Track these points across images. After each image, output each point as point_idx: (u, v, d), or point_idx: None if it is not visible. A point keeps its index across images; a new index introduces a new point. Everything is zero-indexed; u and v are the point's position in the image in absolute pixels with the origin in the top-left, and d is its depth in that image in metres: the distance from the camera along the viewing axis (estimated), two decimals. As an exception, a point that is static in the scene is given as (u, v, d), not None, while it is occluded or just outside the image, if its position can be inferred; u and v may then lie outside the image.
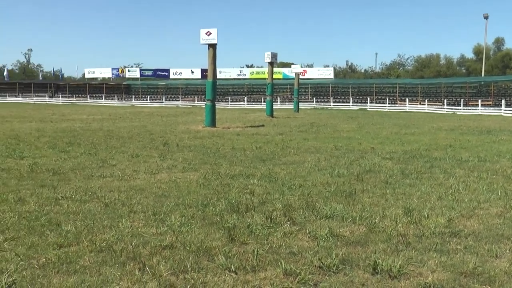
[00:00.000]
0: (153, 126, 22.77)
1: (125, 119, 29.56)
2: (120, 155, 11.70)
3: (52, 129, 20.13)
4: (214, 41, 22.69)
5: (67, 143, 14.24)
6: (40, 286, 3.81)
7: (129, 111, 42.80)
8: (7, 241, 4.89)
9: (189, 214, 6.06)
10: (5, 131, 18.34)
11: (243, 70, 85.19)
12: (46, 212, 6.05)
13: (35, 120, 26.49)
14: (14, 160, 10.52)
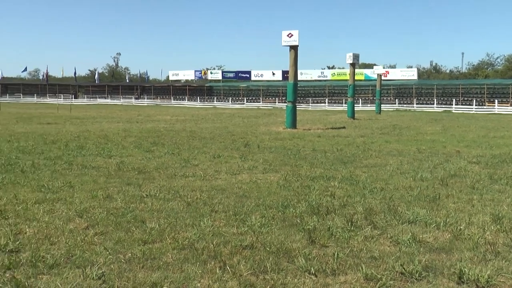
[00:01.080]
0: (235, 127, 23.10)
1: (207, 120, 30.18)
2: (202, 155, 11.96)
3: (138, 129, 20.89)
4: (295, 42, 22.71)
5: (151, 143, 14.73)
6: (126, 280, 3.95)
7: (211, 113, 43.67)
8: (97, 236, 5.12)
9: (270, 215, 6.08)
10: (95, 131, 19.24)
11: (324, 71, 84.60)
12: (132, 209, 6.28)
13: (122, 121, 27.61)
14: (103, 159, 11.01)
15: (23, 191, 7.33)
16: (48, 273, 4.10)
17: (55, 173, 8.94)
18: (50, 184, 7.79)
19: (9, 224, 5.51)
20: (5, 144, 13.86)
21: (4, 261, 4.30)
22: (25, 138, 15.71)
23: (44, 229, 5.35)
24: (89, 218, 5.82)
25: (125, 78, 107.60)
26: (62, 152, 12.04)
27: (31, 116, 32.36)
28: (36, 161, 10.35)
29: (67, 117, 30.59)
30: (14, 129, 19.90)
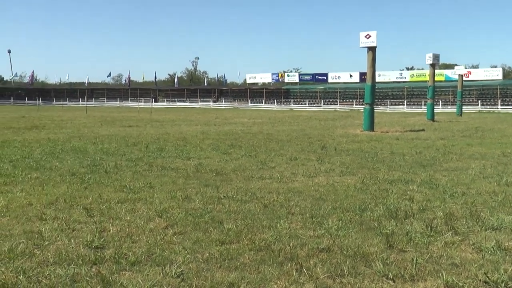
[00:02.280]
0: (311, 130, 23.01)
1: (284, 122, 30.26)
2: (279, 157, 11.99)
3: (216, 132, 21.26)
4: (373, 44, 22.33)
5: (229, 145, 14.94)
6: (204, 279, 4.02)
7: (288, 115, 43.75)
8: (176, 235, 5.25)
9: (347, 218, 6.00)
10: (174, 134, 19.77)
11: (402, 72, 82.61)
12: (210, 210, 6.38)
13: (200, 124, 28.19)
14: (182, 161, 11.28)
15: (106, 190, 7.63)
16: (130, 269, 4.25)
17: (136, 174, 9.25)
18: (131, 185, 8.07)
19: (94, 222, 5.76)
20: (91, 146, 14.51)
21: (90, 257, 4.49)
22: (109, 140, 16.38)
23: (126, 228, 5.54)
24: (168, 218, 5.98)
25: (203, 81, 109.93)
26: (143, 154, 12.45)
27: (114, 119, 33.70)
28: (119, 162, 10.76)
29: (147, 120, 31.63)
30: (99, 132, 20.80)
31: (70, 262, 4.38)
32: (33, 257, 4.53)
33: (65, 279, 4.00)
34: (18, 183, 8.18)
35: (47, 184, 8.16)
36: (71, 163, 10.62)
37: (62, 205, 6.65)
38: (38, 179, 8.62)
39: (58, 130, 22.05)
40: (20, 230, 5.40)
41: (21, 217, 5.95)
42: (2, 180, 8.42)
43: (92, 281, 3.97)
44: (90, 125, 25.88)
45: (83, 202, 6.81)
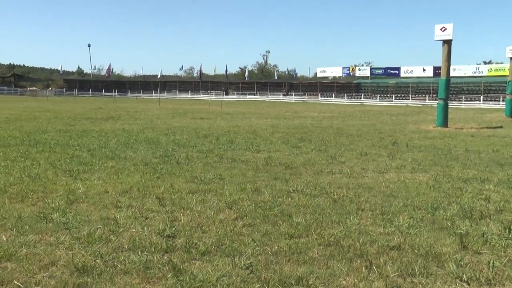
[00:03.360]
0: (382, 125, 22.59)
1: (354, 117, 29.87)
2: (349, 152, 11.85)
3: (285, 125, 21.27)
4: (449, 37, 21.58)
5: (298, 139, 14.92)
6: (273, 272, 4.04)
7: (358, 110, 43.14)
8: (245, 227, 5.30)
9: (418, 216, 5.86)
10: (244, 127, 19.94)
11: (479, 67, 79.31)
12: (279, 203, 6.40)
13: (270, 117, 28.28)
14: (252, 153, 11.37)
15: (178, 181, 7.81)
16: (200, 259, 4.34)
17: (207, 166, 9.41)
18: (202, 176, 8.22)
19: (166, 211, 5.91)
20: (163, 137, 14.88)
21: (162, 245, 4.62)
22: (180, 132, 16.74)
23: (196, 218, 5.65)
24: (238, 209, 6.05)
25: (274, 75, 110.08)
26: (213, 146, 12.64)
27: (186, 111, 34.40)
28: (190, 154, 10.98)
29: (218, 113, 32.07)
30: (171, 124, 21.30)
31: (143, 249, 4.52)
32: (109, 242, 4.72)
33: (139, 265, 4.14)
34: (95, 171, 8.53)
35: (122, 173, 8.45)
36: (144, 153, 10.94)
37: (136, 193, 6.87)
38: (114, 168, 8.94)
39: (132, 121, 22.76)
40: (97, 216, 5.63)
41: (98, 204, 6.20)
42: (81, 168, 8.80)
43: (164, 268, 4.08)
44: (162, 117, 26.54)
45: (156, 191, 7.00)
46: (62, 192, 6.82)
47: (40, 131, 16.15)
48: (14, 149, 11.27)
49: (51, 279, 3.87)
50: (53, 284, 3.78)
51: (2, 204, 6.11)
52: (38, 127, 18.13)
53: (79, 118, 24.11)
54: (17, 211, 5.78)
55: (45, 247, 4.57)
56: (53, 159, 9.85)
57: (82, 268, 4.04)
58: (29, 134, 15.13)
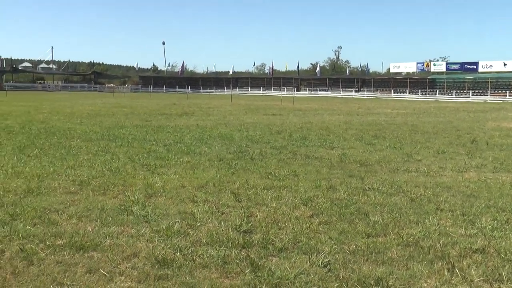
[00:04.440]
0: (459, 122, 21.80)
1: (429, 114, 29.01)
2: (425, 150, 11.52)
3: (358, 122, 20.96)
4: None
5: (372, 136, 14.66)
6: (351, 271, 3.99)
7: (433, 106, 41.87)
8: (321, 225, 5.27)
9: (503, 218, 5.60)
10: (317, 123, 19.82)
11: None
12: (355, 201, 6.31)
13: (343, 113, 27.96)
14: (325, 150, 11.27)
15: (253, 177, 7.87)
16: (277, 255, 4.34)
17: (280, 162, 9.41)
18: (276, 172, 8.23)
19: (242, 207, 5.96)
20: (237, 133, 15.03)
21: (239, 240, 4.67)
22: (253, 128, 16.85)
23: (272, 214, 5.67)
24: (313, 207, 6.01)
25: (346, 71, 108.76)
26: (286, 142, 12.64)
27: (258, 107, 34.58)
28: (264, 150, 11.03)
29: (290, 109, 32.04)
30: (244, 120, 21.48)
31: (221, 244, 4.58)
32: (187, 236, 4.82)
33: (217, 259, 4.19)
34: (171, 166, 8.73)
35: (197, 168, 8.61)
36: (219, 149, 11.09)
37: (212, 188, 6.97)
38: (189, 163, 9.12)
39: (206, 117, 23.14)
40: (175, 210, 5.76)
41: (175, 198, 6.35)
42: (158, 162, 9.04)
43: (241, 264, 4.12)
44: (235, 113, 26.81)
45: (231, 187, 7.08)
46: (141, 185, 7.03)
47: (118, 127, 16.74)
48: (95, 144, 11.73)
49: (134, 270, 3.99)
50: (135, 275, 3.90)
51: (87, 196, 6.37)
52: (116, 122, 18.78)
53: (154, 114, 24.78)
54: (100, 203, 6.01)
55: (127, 238, 4.73)
56: (131, 153, 10.18)
57: (163, 260, 4.14)
58: (108, 129, 15.70)
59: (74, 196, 6.42)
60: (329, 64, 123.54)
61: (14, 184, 7.02)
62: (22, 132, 14.29)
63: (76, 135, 13.78)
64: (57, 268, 4.02)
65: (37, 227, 5.08)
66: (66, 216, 5.46)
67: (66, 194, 6.53)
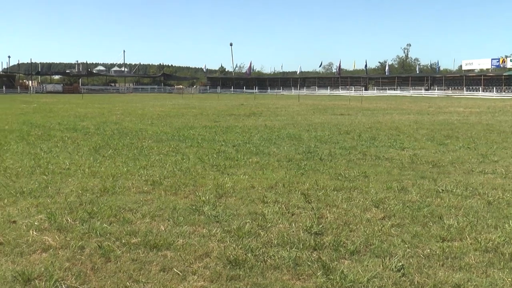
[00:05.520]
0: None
1: (505, 112, 27.82)
2: (502, 151, 11.05)
3: (429, 121, 20.38)
4: None
5: (445, 136, 14.21)
6: (426, 276, 3.87)
7: (510, 104, 40.10)
8: (393, 227, 5.15)
9: None
10: (386, 123, 19.44)
11: None
12: (428, 204, 6.13)
13: (413, 113, 27.28)
14: (396, 150, 11.02)
15: (322, 177, 7.80)
16: (349, 258, 4.28)
17: (350, 163, 9.29)
18: (346, 173, 8.13)
19: (312, 208, 5.92)
20: (305, 133, 14.98)
21: (310, 242, 4.63)
22: (322, 128, 16.74)
23: (343, 216, 5.60)
24: (385, 209, 5.89)
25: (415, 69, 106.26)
26: (355, 143, 12.46)
27: (326, 107, 34.33)
28: (333, 150, 10.92)
29: (358, 109, 31.61)
30: (312, 120, 21.37)
31: (292, 246, 4.56)
32: (258, 237, 4.83)
33: (288, 261, 4.18)
34: (241, 166, 8.80)
35: (267, 168, 8.63)
36: (287, 149, 11.08)
37: (281, 189, 6.97)
38: (258, 163, 9.16)
39: (274, 117, 23.19)
40: (246, 211, 5.79)
41: (246, 198, 6.39)
42: (227, 163, 9.14)
43: (313, 266, 4.09)
44: (303, 113, 26.73)
45: (301, 187, 7.05)
46: (211, 186, 7.12)
47: (187, 127, 17.06)
48: (166, 144, 12.00)
49: (206, 270, 4.04)
50: (208, 275, 3.94)
51: (159, 196, 6.53)
52: (185, 123, 19.14)
53: (222, 114, 25.09)
54: (172, 203, 6.13)
55: (199, 238, 4.80)
56: (201, 154, 10.34)
57: (234, 261, 4.17)
58: (178, 130, 16.03)
59: (147, 195, 6.59)
60: (398, 62, 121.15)
61: (91, 183, 7.30)
62: (97, 133, 14.83)
63: (147, 135, 14.16)
64: (132, 265, 4.13)
65: (113, 225, 5.24)
66: (139, 215, 5.61)
67: (139, 193, 6.72)
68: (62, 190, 6.88)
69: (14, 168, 8.58)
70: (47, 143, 12.20)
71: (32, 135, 14.14)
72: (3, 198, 6.37)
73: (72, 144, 12.13)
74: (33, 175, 7.95)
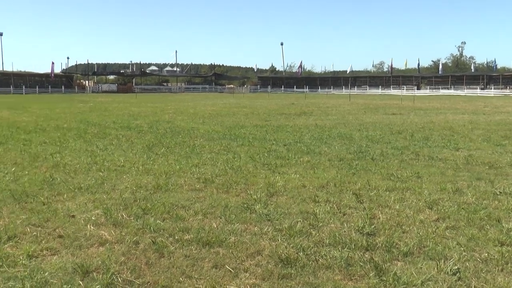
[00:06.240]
0: None
1: None
2: None
3: (485, 121, 19.79)
4: None
5: (502, 136, 13.77)
6: (484, 281, 3.77)
7: None
8: (448, 229, 5.03)
9: None
10: (439, 123, 19.00)
11: None
12: (484, 206, 5.96)
13: (467, 112, 26.55)
14: (450, 151, 10.76)
15: (374, 177, 7.70)
16: (402, 260, 4.21)
17: (402, 163, 9.13)
18: (398, 173, 8.00)
19: (364, 208, 5.86)
20: (356, 133, 14.82)
21: (362, 242, 4.59)
22: (373, 128, 16.51)
23: (395, 217, 5.51)
24: (439, 210, 5.76)
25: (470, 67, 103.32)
26: (408, 143, 12.24)
27: (377, 106, 33.85)
28: (384, 150, 10.76)
29: (410, 108, 31.02)
30: (363, 119, 21.12)
31: (344, 246, 4.53)
32: (310, 236, 4.82)
33: (340, 261, 4.15)
34: (292, 165, 8.79)
35: (318, 167, 8.59)
36: (338, 149, 10.99)
37: (333, 189, 6.93)
38: (309, 162, 9.13)
39: (324, 116, 23.05)
40: (297, 210, 5.79)
41: (297, 198, 6.38)
42: (278, 162, 9.15)
43: (365, 266, 4.05)
44: (354, 112, 26.45)
45: (352, 187, 6.99)
46: (262, 184, 7.15)
47: (239, 126, 17.17)
48: (217, 143, 12.12)
49: (258, 268, 4.07)
50: (260, 273, 3.97)
51: (211, 194, 6.61)
52: (237, 122, 19.27)
53: (273, 113, 25.12)
54: (224, 201, 6.19)
55: (251, 236, 4.83)
56: (252, 152, 10.38)
57: (286, 259, 4.18)
58: (229, 129, 16.16)
59: (199, 193, 6.68)
60: (452, 60, 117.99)
61: (145, 180, 7.45)
62: (150, 132, 15.13)
63: (199, 134, 14.34)
64: (185, 261, 4.20)
65: (166, 221, 5.34)
66: (192, 212, 5.69)
67: (192, 191, 6.81)
68: (117, 186, 7.07)
69: (73, 164, 8.87)
70: (103, 141, 12.54)
71: (89, 133, 14.57)
72: (63, 193, 6.60)
73: (127, 142, 12.43)
74: (90, 172, 8.20)
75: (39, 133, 14.55)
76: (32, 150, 10.74)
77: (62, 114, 24.07)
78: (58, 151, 10.66)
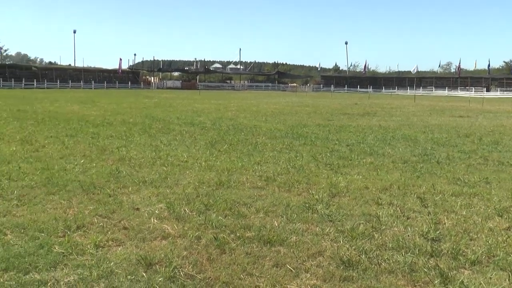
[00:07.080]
0: None
1: None
2: None
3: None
4: None
5: None
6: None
7: None
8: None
9: None
10: (511, 126, 18.24)
11: None
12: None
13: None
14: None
15: (439, 181, 7.49)
16: (469, 268, 4.07)
17: (470, 167, 8.83)
18: (465, 178, 7.74)
19: (429, 213, 5.70)
20: (421, 135, 14.45)
21: (427, 248, 4.46)
22: (439, 130, 16.06)
23: (462, 223, 5.33)
24: (510, 218, 5.53)
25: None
26: (476, 146, 11.82)
27: (443, 108, 32.91)
28: (451, 154, 10.44)
29: (479, 111, 29.95)
30: (428, 121, 20.58)
31: (407, 250, 4.42)
32: (372, 239, 4.73)
33: (403, 266, 4.06)
34: (354, 166, 8.67)
35: (381, 169, 8.44)
36: (402, 151, 10.76)
37: (396, 191, 6.78)
38: (372, 164, 8.98)
39: (388, 117, 22.61)
40: (359, 212, 5.70)
41: (359, 199, 6.29)
42: (341, 162, 9.05)
43: (430, 273, 3.93)
44: (419, 114, 25.81)
45: (416, 190, 6.82)
46: (324, 184, 7.09)
47: (301, 125, 17.11)
48: (280, 141, 12.12)
49: (319, 268, 4.03)
50: (321, 274, 3.93)
51: (272, 192, 6.61)
52: (299, 121, 19.21)
53: (336, 113, 24.89)
54: (285, 200, 6.18)
55: (312, 236, 4.80)
56: (314, 152, 10.32)
57: (348, 261, 4.12)
58: (292, 127, 16.13)
59: (261, 191, 6.70)
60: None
61: (207, 176, 7.55)
62: (213, 128, 15.32)
63: (261, 132, 14.38)
64: (246, 259, 4.21)
65: (228, 218, 5.38)
66: (253, 210, 5.71)
67: (253, 188, 6.84)
68: (180, 181, 7.19)
69: (138, 158, 9.09)
70: (167, 136, 12.80)
71: (153, 128, 14.91)
72: (128, 186, 6.78)
73: (190, 138, 12.63)
74: (154, 166, 8.38)
75: (106, 127, 15.02)
76: (100, 143, 11.10)
77: (128, 109, 24.75)
78: (124, 145, 10.97)
